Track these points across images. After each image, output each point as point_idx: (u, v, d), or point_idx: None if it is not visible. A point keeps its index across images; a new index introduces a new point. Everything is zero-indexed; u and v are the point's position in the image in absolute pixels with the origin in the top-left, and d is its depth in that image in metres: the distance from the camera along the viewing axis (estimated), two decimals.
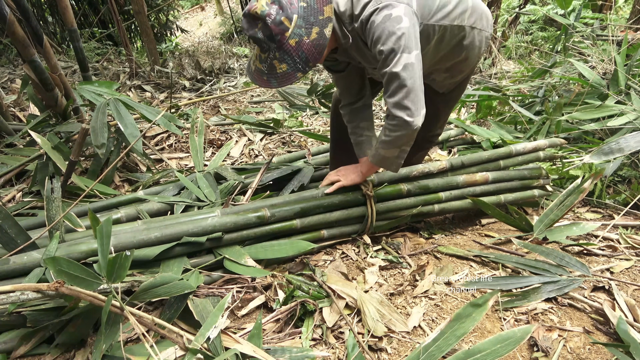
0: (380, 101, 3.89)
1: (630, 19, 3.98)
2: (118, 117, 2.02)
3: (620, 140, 1.98)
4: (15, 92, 3.55)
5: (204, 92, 4.33)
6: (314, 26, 1.35)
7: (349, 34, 1.46)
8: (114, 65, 4.92)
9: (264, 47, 1.37)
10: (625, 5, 5.89)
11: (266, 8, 1.29)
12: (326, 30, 1.35)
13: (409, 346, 1.20)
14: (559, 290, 1.36)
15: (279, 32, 1.32)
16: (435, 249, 1.69)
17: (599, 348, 1.18)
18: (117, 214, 1.67)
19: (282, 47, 1.34)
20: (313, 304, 1.31)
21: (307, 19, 1.35)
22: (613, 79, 2.58)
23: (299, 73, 1.38)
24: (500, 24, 5.97)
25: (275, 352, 1.13)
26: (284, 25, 1.32)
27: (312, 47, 1.35)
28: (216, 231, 1.48)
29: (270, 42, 1.34)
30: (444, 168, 1.90)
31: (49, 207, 1.38)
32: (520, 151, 2.05)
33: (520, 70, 4.12)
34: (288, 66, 1.37)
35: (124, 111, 2.05)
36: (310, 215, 1.65)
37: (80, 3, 6.09)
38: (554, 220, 1.72)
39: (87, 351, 1.17)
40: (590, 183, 1.70)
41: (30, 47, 2.08)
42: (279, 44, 1.34)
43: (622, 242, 1.72)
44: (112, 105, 2.06)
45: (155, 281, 1.19)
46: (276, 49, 1.35)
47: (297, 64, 1.37)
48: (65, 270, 1.04)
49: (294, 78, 1.39)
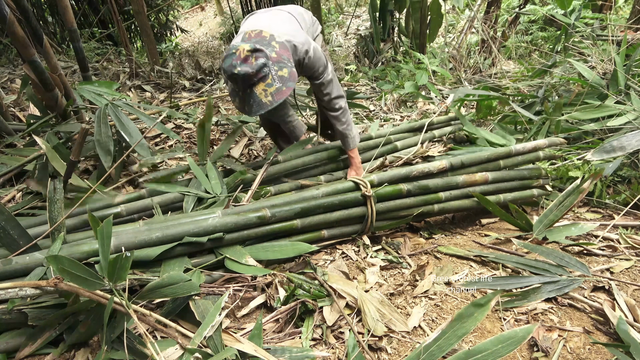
0: (380, 101, 3.90)
1: (630, 19, 3.98)
2: (120, 126, 2.03)
3: (622, 138, 1.98)
4: (15, 92, 3.55)
5: (204, 92, 4.33)
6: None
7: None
8: (114, 65, 4.92)
9: (265, 72, 1.62)
10: (625, 5, 5.89)
11: (248, 44, 1.62)
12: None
13: (409, 346, 1.21)
14: (559, 290, 1.37)
15: (264, 49, 1.63)
16: (435, 249, 1.70)
17: (599, 348, 1.18)
18: (117, 208, 1.70)
19: (272, 59, 1.65)
20: (313, 303, 1.31)
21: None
22: (613, 79, 2.58)
23: (292, 69, 1.70)
24: (500, 24, 5.97)
25: (275, 352, 1.14)
26: (263, 45, 1.66)
27: (283, 50, 1.71)
28: (217, 231, 1.49)
29: (267, 60, 1.62)
30: (443, 168, 1.91)
31: (51, 208, 1.38)
32: (520, 151, 2.05)
33: (520, 70, 4.12)
34: (287, 68, 1.68)
35: (125, 119, 2.06)
36: (310, 216, 1.66)
37: (80, 3, 6.09)
38: (554, 221, 1.72)
39: (87, 351, 1.17)
40: (590, 183, 1.70)
41: (30, 47, 2.08)
42: (272, 60, 1.65)
43: (622, 242, 1.72)
44: (111, 112, 2.06)
45: (162, 281, 1.19)
46: (272, 64, 1.64)
47: (286, 62, 1.69)
48: (67, 269, 1.04)
49: (294, 74, 1.70)
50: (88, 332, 1.17)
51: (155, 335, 1.20)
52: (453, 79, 4.37)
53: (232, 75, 1.59)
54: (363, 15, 8.62)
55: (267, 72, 1.62)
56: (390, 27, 4.97)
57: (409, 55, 4.66)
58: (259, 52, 1.60)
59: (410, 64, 4.22)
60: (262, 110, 1.65)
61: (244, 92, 1.65)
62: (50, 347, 1.18)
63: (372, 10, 4.77)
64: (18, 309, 1.15)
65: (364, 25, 7.86)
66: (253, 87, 1.63)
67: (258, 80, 1.62)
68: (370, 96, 4.17)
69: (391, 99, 3.88)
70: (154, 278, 1.28)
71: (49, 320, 1.15)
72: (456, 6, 4.39)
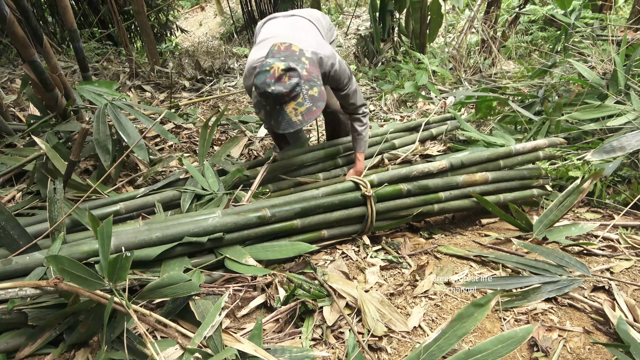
0: (380, 101, 3.90)
1: (630, 19, 3.98)
2: (119, 127, 2.03)
3: (622, 138, 1.98)
4: (15, 92, 3.55)
5: (204, 92, 4.33)
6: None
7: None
8: (114, 65, 4.92)
9: (297, 92, 1.62)
10: (625, 5, 5.89)
11: (283, 62, 1.60)
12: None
13: (409, 346, 1.21)
14: (559, 290, 1.37)
15: (297, 68, 1.62)
16: (435, 249, 1.70)
17: (599, 348, 1.18)
18: (116, 205, 1.70)
19: (304, 77, 1.65)
20: (313, 303, 1.31)
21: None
22: (612, 79, 2.58)
23: (322, 88, 1.73)
24: (500, 24, 5.97)
25: (275, 352, 1.14)
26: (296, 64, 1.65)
27: (312, 67, 1.72)
28: (217, 231, 1.49)
29: (300, 80, 1.61)
30: (443, 168, 1.91)
31: (51, 208, 1.38)
32: (520, 151, 2.05)
33: (520, 70, 4.12)
34: (317, 87, 1.68)
35: (124, 119, 2.06)
36: (310, 215, 1.66)
37: (80, 3, 6.08)
38: (554, 221, 1.72)
39: (88, 351, 1.17)
40: (590, 183, 1.70)
41: (30, 47, 2.08)
42: (304, 78, 1.64)
43: (622, 242, 1.72)
44: (110, 112, 2.07)
45: (162, 281, 1.19)
46: (303, 83, 1.63)
47: (316, 81, 1.69)
48: (67, 269, 1.04)
49: (324, 94, 1.72)
50: (88, 332, 1.17)
51: (155, 335, 1.20)
52: (453, 79, 4.37)
53: (265, 93, 1.59)
54: (363, 15, 8.62)
55: (299, 92, 1.62)
56: (390, 27, 4.97)
57: (409, 55, 4.66)
58: (292, 72, 1.59)
59: (410, 64, 4.22)
60: (291, 128, 1.66)
61: (273, 108, 1.65)
62: (50, 347, 1.17)
63: (372, 10, 4.77)
64: (18, 309, 1.15)
65: (364, 25, 7.86)
66: (284, 105, 1.62)
67: (290, 99, 1.61)
68: (370, 96, 4.17)
69: (391, 99, 3.88)
70: (154, 278, 1.28)
71: (49, 320, 1.15)
72: (456, 6, 4.39)
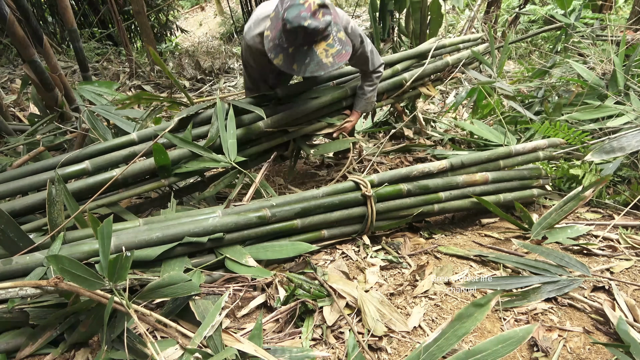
0: None
1: (630, 19, 3.98)
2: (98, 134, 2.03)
3: (622, 139, 1.98)
4: (15, 92, 3.55)
5: (204, 92, 4.33)
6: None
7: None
8: (114, 65, 4.92)
9: (329, 31, 1.51)
10: (625, 6, 5.89)
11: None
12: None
13: (409, 346, 1.21)
14: (559, 290, 1.37)
15: (329, 6, 1.51)
16: (435, 249, 1.70)
17: (599, 348, 1.18)
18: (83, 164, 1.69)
19: (334, 19, 1.56)
20: (313, 303, 1.31)
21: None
22: (612, 79, 2.58)
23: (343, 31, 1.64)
24: (500, 24, 5.97)
25: (275, 352, 1.14)
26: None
27: (335, 14, 1.62)
28: (217, 231, 1.49)
29: (332, 19, 1.51)
30: (443, 168, 1.91)
31: (51, 210, 1.38)
32: (520, 151, 2.05)
33: (520, 70, 4.12)
34: (342, 31, 1.59)
35: (100, 125, 2.10)
36: (310, 215, 1.66)
37: (80, 3, 6.09)
38: (552, 224, 1.72)
39: (88, 351, 1.17)
40: (592, 192, 1.70)
41: (30, 47, 2.08)
42: (334, 20, 1.55)
43: (622, 242, 1.72)
44: (87, 119, 2.07)
45: (162, 281, 1.19)
46: (333, 24, 1.53)
47: (340, 26, 1.61)
48: (67, 269, 1.04)
49: (348, 40, 1.63)
50: (88, 332, 1.17)
51: (155, 335, 1.20)
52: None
53: (297, 28, 1.41)
54: (363, 15, 8.62)
55: (330, 31, 1.50)
56: (390, 27, 4.97)
57: None
58: (326, 9, 1.46)
59: None
60: (322, 70, 1.52)
61: (299, 48, 1.48)
62: (51, 346, 1.17)
63: (372, 10, 4.77)
64: (18, 309, 1.15)
65: (364, 25, 7.86)
66: (314, 45, 1.48)
67: (321, 39, 1.48)
68: None
69: None
70: (154, 278, 1.28)
71: (50, 320, 1.15)
72: (456, 6, 4.39)
